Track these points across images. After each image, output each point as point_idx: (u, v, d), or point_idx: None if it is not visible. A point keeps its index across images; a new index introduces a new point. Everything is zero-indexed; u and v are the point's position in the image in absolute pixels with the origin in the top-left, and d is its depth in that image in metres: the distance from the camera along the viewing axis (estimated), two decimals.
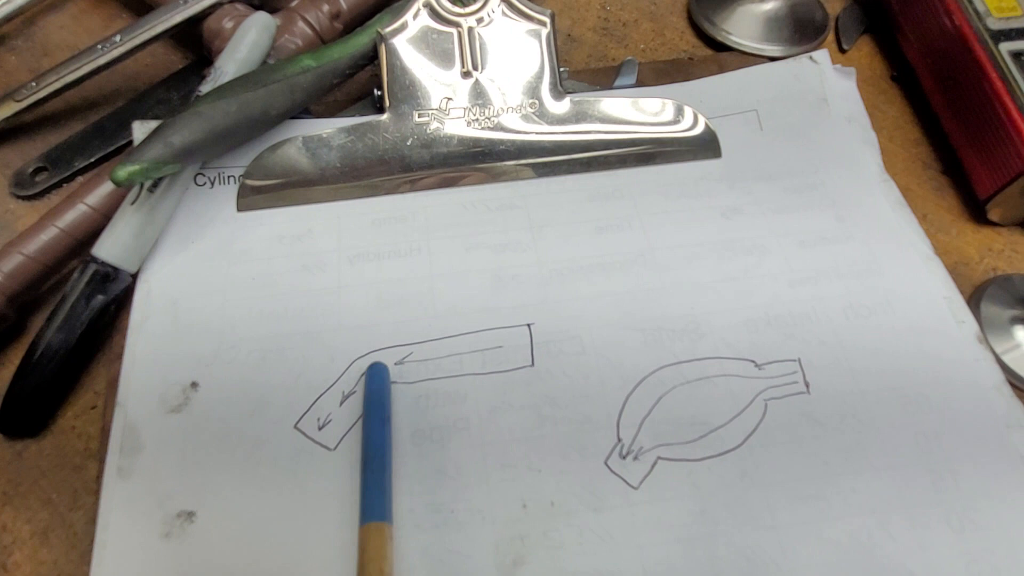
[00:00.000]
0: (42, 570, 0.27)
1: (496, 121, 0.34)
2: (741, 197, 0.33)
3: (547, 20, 0.34)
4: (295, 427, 0.27)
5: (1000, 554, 0.25)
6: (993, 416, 0.28)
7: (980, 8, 0.35)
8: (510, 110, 0.34)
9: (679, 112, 0.35)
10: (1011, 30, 0.35)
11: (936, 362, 0.29)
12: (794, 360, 0.29)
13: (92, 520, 0.27)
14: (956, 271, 0.33)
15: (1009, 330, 0.31)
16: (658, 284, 0.31)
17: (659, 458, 0.27)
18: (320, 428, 0.27)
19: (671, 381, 0.28)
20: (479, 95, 0.34)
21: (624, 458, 0.27)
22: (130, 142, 0.36)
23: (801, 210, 0.33)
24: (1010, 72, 0.33)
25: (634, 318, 0.30)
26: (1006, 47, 0.34)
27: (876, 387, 0.28)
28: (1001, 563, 0.25)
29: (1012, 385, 0.29)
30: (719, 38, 0.40)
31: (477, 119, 0.34)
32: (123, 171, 0.28)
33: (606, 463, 0.27)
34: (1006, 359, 0.31)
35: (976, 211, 0.35)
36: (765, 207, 0.33)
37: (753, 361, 0.29)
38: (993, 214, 0.34)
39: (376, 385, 0.28)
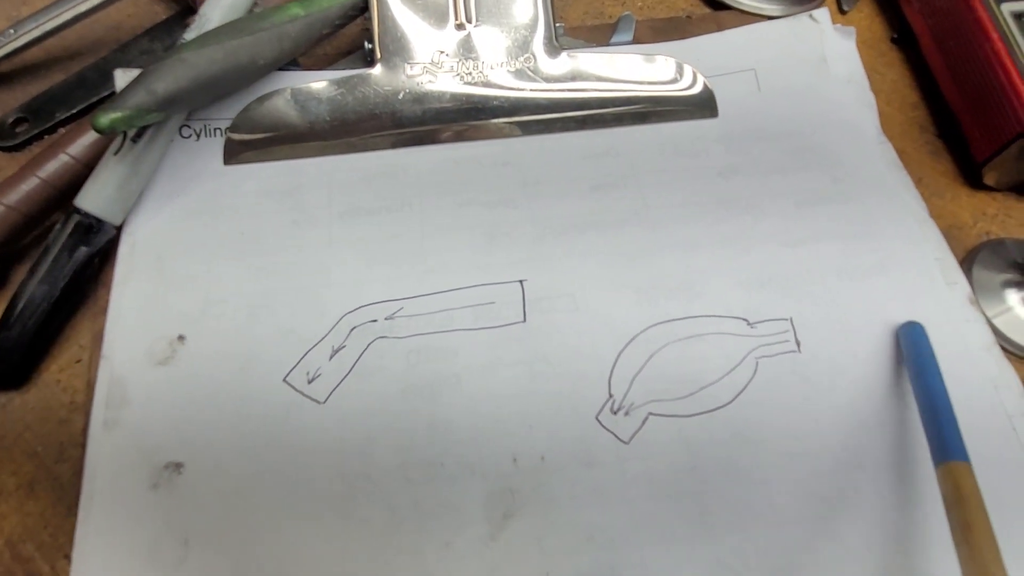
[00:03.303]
0: (28, 521, 0.27)
1: (490, 76, 0.33)
2: (738, 157, 0.33)
3: None
4: (284, 380, 0.27)
5: (989, 511, 0.25)
6: (984, 377, 0.28)
7: None
8: (504, 65, 0.33)
9: (678, 70, 0.34)
10: None
11: (927, 323, 0.29)
12: (786, 319, 0.29)
13: (78, 473, 0.26)
14: (949, 235, 0.33)
15: (1000, 294, 0.31)
16: (652, 243, 0.30)
17: (650, 414, 0.27)
18: (309, 382, 0.27)
19: (663, 338, 0.28)
20: (472, 49, 0.33)
21: (615, 414, 0.27)
22: (113, 93, 0.35)
23: (798, 171, 0.32)
24: (1011, 33, 0.33)
25: (627, 276, 0.30)
26: (1008, 7, 0.34)
27: (867, 348, 0.28)
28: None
29: (1003, 348, 0.29)
30: None
31: (470, 74, 0.33)
32: (105, 118, 0.27)
33: (597, 418, 0.27)
34: (997, 323, 0.31)
35: (971, 176, 0.35)
36: (762, 167, 0.32)
37: (745, 320, 0.29)
38: (989, 178, 0.34)
39: (923, 342, 0.27)
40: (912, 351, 0.28)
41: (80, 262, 0.29)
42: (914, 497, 0.26)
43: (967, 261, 0.33)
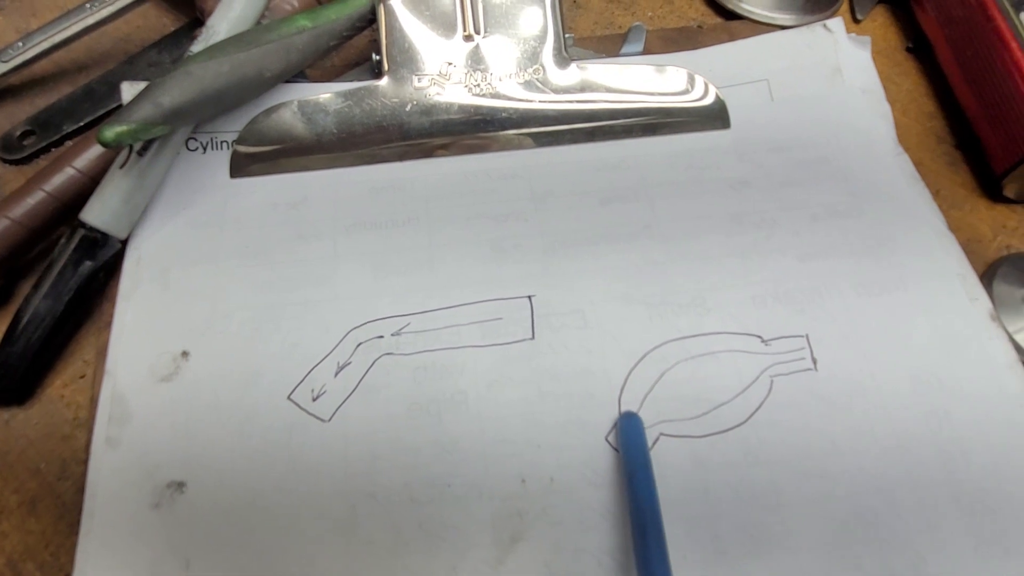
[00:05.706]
0: (30, 540, 0.26)
1: (498, 88, 0.33)
2: (750, 169, 0.32)
3: None
4: (288, 398, 0.27)
5: (1014, 537, 0.24)
6: (1006, 396, 0.27)
7: None
8: (513, 77, 0.33)
9: (690, 81, 0.33)
10: None
11: (948, 340, 0.28)
12: (802, 336, 0.28)
13: (80, 490, 0.26)
14: (968, 248, 0.32)
15: (1021, 309, 0.31)
16: (664, 257, 0.30)
17: (661, 434, 0.26)
18: (314, 400, 0.27)
19: (675, 356, 0.28)
20: (481, 60, 0.33)
21: None
22: (120, 106, 0.35)
23: (812, 183, 0.32)
24: None
25: (638, 292, 0.29)
26: None
27: (886, 365, 0.27)
28: (1014, 546, 0.24)
29: None
30: (729, 6, 0.39)
31: (479, 85, 0.33)
32: (110, 131, 0.27)
33: (607, 439, 0.26)
34: (1018, 339, 0.30)
35: (990, 187, 0.34)
36: (775, 180, 0.32)
37: (759, 337, 0.28)
38: (1009, 190, 0.33)
39: (637, 439, 0.25)
40: (626, 450, 0.25)
41: (85, 276, 0.28)
42: (935, 521, 0.25)
43: (987, 276, 0.32)
